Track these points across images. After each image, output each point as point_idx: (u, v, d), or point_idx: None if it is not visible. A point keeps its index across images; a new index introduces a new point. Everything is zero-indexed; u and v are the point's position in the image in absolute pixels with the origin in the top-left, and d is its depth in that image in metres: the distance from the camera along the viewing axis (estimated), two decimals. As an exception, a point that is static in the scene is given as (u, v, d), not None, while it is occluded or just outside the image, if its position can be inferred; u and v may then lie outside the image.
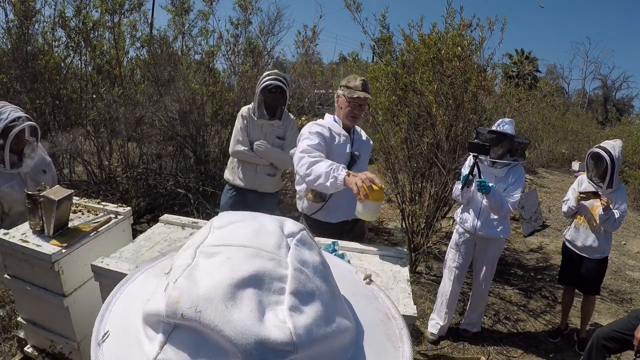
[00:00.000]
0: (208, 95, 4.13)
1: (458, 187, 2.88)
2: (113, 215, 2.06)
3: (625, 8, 56.91)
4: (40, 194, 1.75)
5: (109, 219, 2.01)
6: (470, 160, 2.82)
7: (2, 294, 2.52)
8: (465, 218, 2.93)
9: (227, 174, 3.02)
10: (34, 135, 2.27)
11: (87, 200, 2.22)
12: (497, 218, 2.85)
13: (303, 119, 4.19)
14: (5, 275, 1.88)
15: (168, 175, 4.55)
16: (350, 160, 2.23)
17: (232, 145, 2.91)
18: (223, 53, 4.43)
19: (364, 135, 2.41)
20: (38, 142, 2.30)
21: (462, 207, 3.02)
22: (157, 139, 4.42)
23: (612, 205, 2.84)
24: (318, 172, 1.84)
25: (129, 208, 2.14)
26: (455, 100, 3.56)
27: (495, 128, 2.84)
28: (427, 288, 3.79)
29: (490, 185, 2.70)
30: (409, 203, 3.82)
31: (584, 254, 3.05)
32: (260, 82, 2.81)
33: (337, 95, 2.25)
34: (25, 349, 2.05)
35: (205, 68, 4.38)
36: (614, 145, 2.89)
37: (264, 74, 2.85)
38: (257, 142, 2.84)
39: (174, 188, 4.26)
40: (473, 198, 2.88)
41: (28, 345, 2.05)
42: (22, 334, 2.10)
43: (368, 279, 0.64)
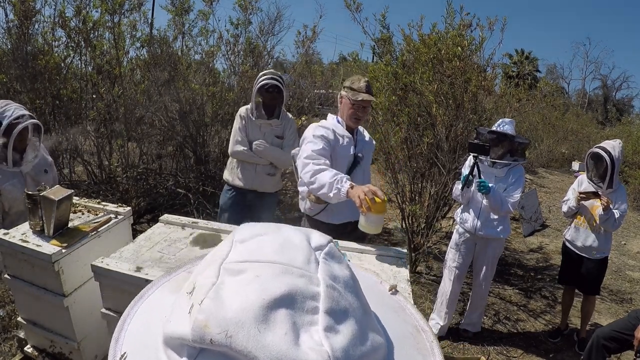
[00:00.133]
0: (208, 95, 4.13)
1: (458, 187, 2.88)
2: (113, 215, 2.06)
3: (626, 8, 57.00)
4: (40, 194, 1.75)
5: (109, 219, 2.01)
6: (470, 161, 2.82)
7: (2, 294, 2.52)
8: (465, 218, 2.93)
9: (226, 174, 3.02)
10: (37, 135, 2.27)
11: (87, 200, 2.22)
12: (497, 218, 2.85)
13: (303, 119, 4.18)
14: (5, 275, 1.88)
15: (168, 175, 4.55)
16: (354, 162, 2.22)
17: (231, 146, 2.91)
18: (223, 53, 4.43)
19: (367, 136, 2.40)
20: (40, 141, 2.30)
21: (462, 207, 3.02)
22: (157, 139, 4.42)
23: (612, 205, 2.83)
24: (322, 181, 1.84)
25: (129, 208, 2.14)
26: (455, 100, 3.57)
27: (496, 128, 2.84)
28: (427, 288, 3.79)
29: (490, 186, 2.70)
30: (409, 203, 3.83)
31: (584, 254, 3.05)
32: (257, 81, 2.80)
33: (340, 96, 2.22)
34: (25, 349, 2.05)
35: (205, 68, 4.38)
36: (614, 146, 2.89)
37: (260, 74, 2.84)
38: (256, 141, 2.83)
39: (174, 188, 4.26)
40: (473, 198, 2.88)
41: (28, 345, 2.06)
42: (22, 334, 2.10)
43: (393, 290, 0.62)
